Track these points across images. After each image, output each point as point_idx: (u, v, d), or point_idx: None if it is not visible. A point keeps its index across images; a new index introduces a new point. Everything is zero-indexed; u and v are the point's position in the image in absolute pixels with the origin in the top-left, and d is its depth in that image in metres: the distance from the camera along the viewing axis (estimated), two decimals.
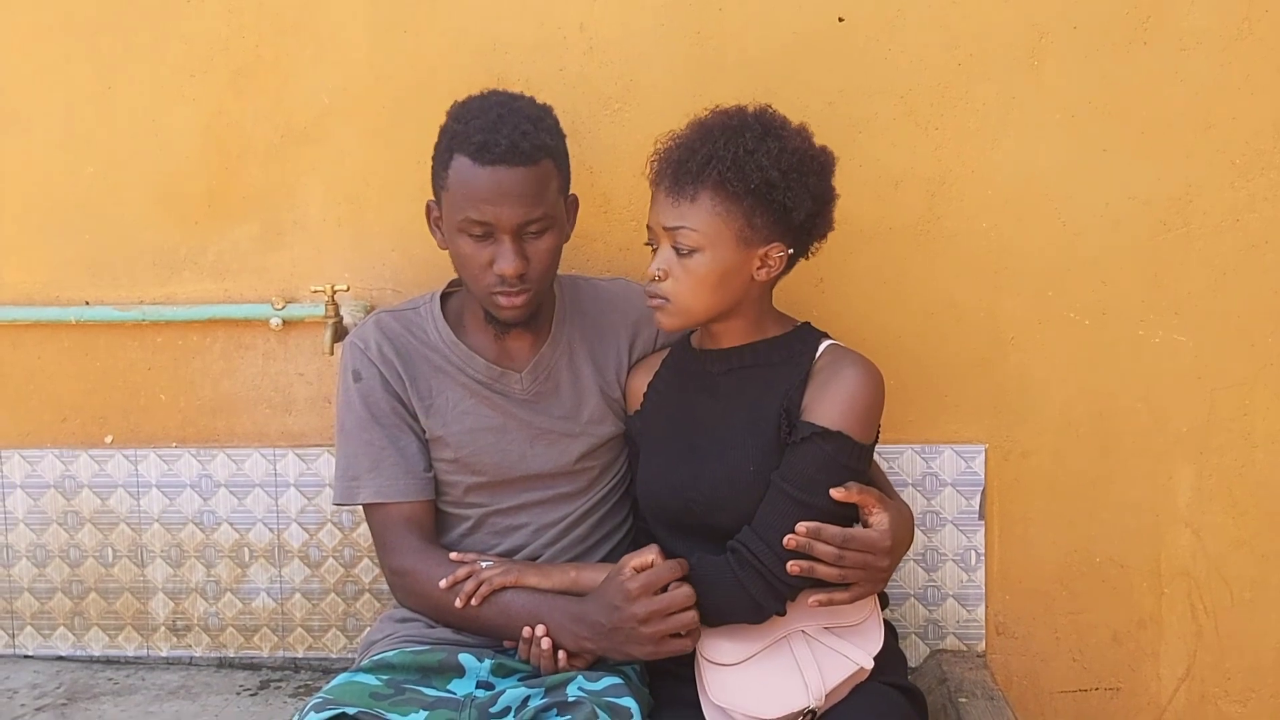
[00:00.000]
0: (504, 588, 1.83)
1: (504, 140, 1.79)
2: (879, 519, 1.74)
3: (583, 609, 1.78)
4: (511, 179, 1.80)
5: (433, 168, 1.89)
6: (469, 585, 1.83)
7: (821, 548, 1.70)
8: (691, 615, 1.71)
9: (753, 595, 1.72)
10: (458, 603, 1.83)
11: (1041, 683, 2.28)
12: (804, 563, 1.70)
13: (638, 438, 1.96)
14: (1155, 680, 2.27)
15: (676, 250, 1.77)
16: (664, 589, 1.72)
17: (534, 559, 1.93)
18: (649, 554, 1.74)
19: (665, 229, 1.77)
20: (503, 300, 1.86)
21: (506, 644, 1.85)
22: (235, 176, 2.28)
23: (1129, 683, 2.27)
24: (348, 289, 2.24)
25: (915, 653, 2.25)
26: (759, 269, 1.79)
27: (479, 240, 1.83)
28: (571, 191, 1.96)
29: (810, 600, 1.73)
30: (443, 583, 1.84)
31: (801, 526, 1.69)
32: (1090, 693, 2.28)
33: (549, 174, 1.84)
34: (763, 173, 1.73)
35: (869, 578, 1.74)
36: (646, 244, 1.84)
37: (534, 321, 1.93)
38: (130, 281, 2.32)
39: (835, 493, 1.72)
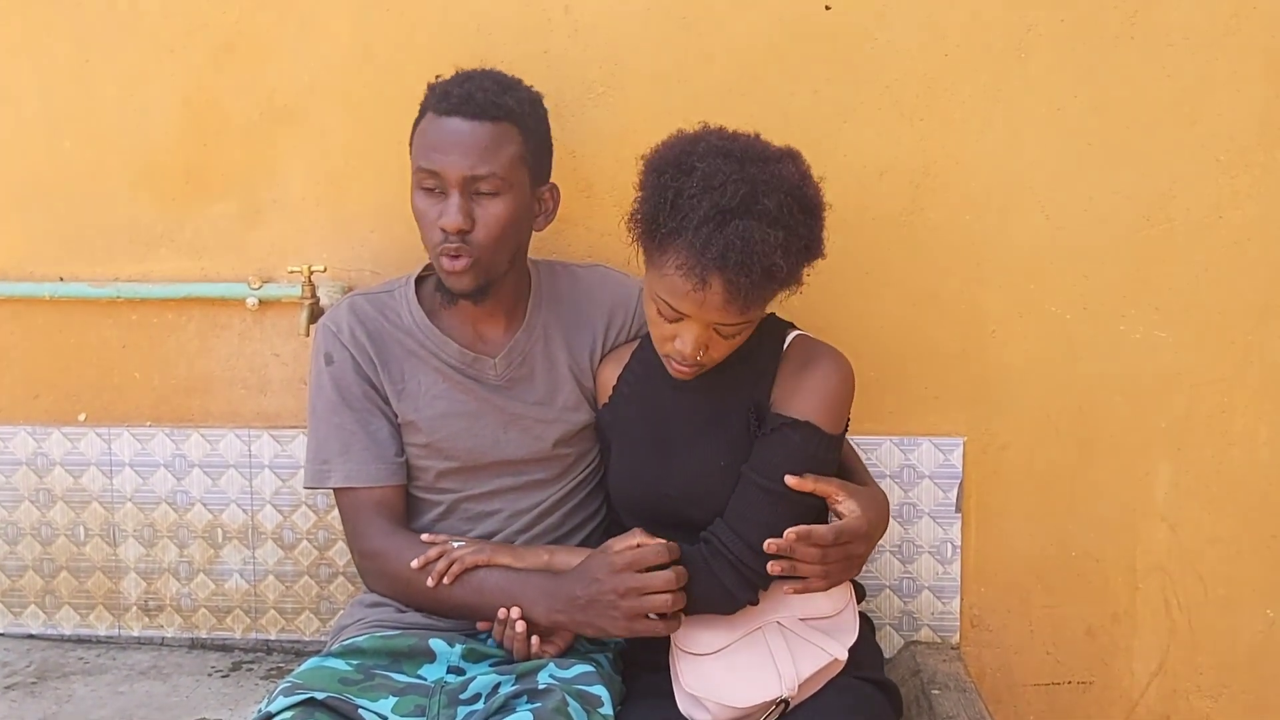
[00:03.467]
0: (476, 566, 1.82)
1: (462, 91, 1.81)
2: (847, 506, 1.74)
3: (559, 583, 1.77)
4: (464, 129, 1.80)
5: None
6: (441, 564, 1.82)
7: (804, 550, 1.69)
8: (667, 599, 1.69)
9: (725, 585, 1.72)
10: (430, 582, 1.81)
11: (1014, 675, 2.28)
12: (785, 563, 1.69)
13: (608, 430, 1.95)
14: (1128, 675, 2.28)
15: (719, 332, 1.70)
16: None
17: None
18: (634, 537, 1.74)
19: (715, 325, 1.69)
20: (445, 262, 1.84)
21: (480, 626, 1.84)
22: (214, 153, 2.26)
23: (1101, 677, 2.28)
24: (324, 270, 2.22)
25: (889, 644, 2.25)
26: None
27: (430, 194, 1.83)
28: (553, 180, 1.94)
29: (785, 589, 1.73)
30: (414, 563, 1.83)
31: (791, 533, 1.68)
32: (1063, 686, 2.28)
33: (507, 136, 1.83)
34: (771, 268, 1.64)
35: (845, 566, 1.74)
36: (660, 315, 1.71)
37: (484, 297, 1.89)
38: (106, 258, 2.29)
39: (791, 480, 1.71)
